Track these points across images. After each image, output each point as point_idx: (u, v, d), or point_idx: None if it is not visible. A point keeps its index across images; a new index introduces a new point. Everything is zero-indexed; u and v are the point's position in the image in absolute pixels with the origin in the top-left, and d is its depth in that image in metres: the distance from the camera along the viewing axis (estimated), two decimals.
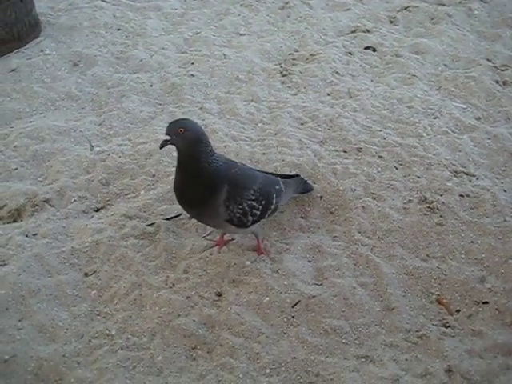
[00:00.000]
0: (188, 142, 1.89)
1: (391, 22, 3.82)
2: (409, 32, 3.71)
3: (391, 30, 3.70)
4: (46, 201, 2.43)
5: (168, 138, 1.89)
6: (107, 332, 1.93)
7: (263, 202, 2.06)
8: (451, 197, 2.38)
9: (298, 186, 2.29)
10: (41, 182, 2.59)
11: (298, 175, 2.33)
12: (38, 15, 3.74)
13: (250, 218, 2.03)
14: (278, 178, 2.19)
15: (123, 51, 3.50)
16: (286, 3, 4.00)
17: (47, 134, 2.82)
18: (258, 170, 2.24)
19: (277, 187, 2.13)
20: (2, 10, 3.38)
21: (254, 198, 2.02)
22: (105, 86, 3.20)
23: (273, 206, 2.11)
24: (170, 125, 1.93)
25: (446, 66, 3.36)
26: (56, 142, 2.78)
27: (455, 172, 2.52)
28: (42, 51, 3.54)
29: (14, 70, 3.34)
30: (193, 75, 3.20)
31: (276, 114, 2.84)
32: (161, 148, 1.95)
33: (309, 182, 2.37)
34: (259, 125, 2.78)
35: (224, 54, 3.37)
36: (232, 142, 2.61)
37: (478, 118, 2.91)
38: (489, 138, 2.73)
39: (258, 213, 2.05)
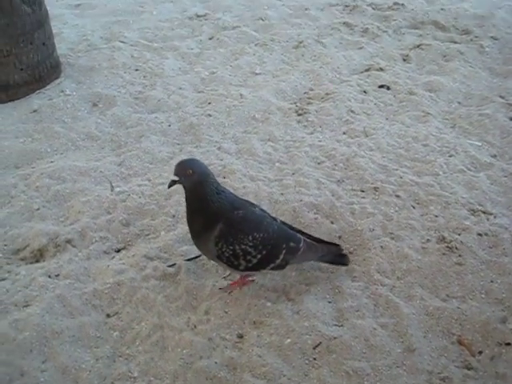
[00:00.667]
0: (195, 183, 1.97)
1: (404, 60, 3.88)
2: (422, 70, 3.76)
3: (404, 68, 3.76)
4: (68, 241, 2.47)
5: (176, 178, 1.97)
6: (129, 374, 1.94)
7: (264, 252, 2.04)
8: (469, 236, 2.39)
9: (329, 255, 2.20)
10: (62, 222, 2.63)
11: (337, 245, 2.25)
12: (58, 57, 3.84)
13: (243, 263, 2.04)
14: (300, 236, 2.13)
15: (141, 91, 3.58)
16: (300, 42, 4.09)
17: (68, 174, 2.87)
18: (285, 223, 2.19)
19: (291, 244, 2.09)
20: (25, 54, 3.47)
21: (251, 244, 2.03)
22: (124, 126, 3.27)
23: (278, 261, 2.08)
24: (178, 165, 2.00)
25: (459, 103, 3.40)
26: (77, 182, 2.83)
27: (472, 210, 2.53)
28: (62, 92, 3.62)
29: (35, 111, 3.41)
30: (210, 115, 3.26)
31: (293, 153, 2.88)
32: (169, 187, 2.03)
33: (347, 255, 2.26)
34: (276, 164, 2.82)
35: (240, 94, 3.43)
36: (250, 183, 2.65)
37: (494, 156, 2.93)
38: (505, 176, 2.75)
39: (255, 261, 2.04)
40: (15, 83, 3.52)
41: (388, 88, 3.48)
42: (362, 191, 2.62)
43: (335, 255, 2.22)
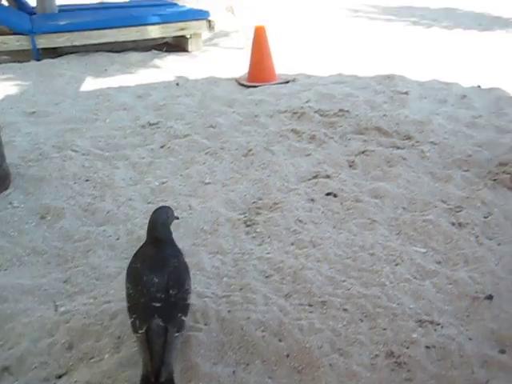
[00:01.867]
0: None
1: (350, 166, 4.02)
2: (367, 176, 3.89)
3: (351, 175, 3.88)
4: (5, 368, 2.35)
5: None
6: None
7: None
8: (417, 349, 2.38)
9: None
10: (1, 346, 2.52)
11: None
12: (8, 167, 3.83)
13: None
14: None
15: (91, 203, 3.57)
16: (250, 150, 4.20)
17: (11, 292, 2.78)
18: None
19: None
20: None
21: None
22: (71, 240, 3.22)
23: None
24: None
25: (404, 208, 3.50)
26: (19, 301, 2.74)
27: (420, 321, 2.54)
28: (10, 204, 3.58)
29: None
30: None
31: (241, 266, 2.87)
32: None
33: None
34: (224, 279, 2.80)
35: (189, 205, 3.46)
36: (198, 300, 2.61)
37: (439, 262, 2.99)
38: (450, 283, 2.79)
39: None
40: None
41: (335, 195, 3.56)
42: (310, 305, 2.61)
43: None
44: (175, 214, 2.52)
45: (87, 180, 3.86)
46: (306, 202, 3.47)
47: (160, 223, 2.38)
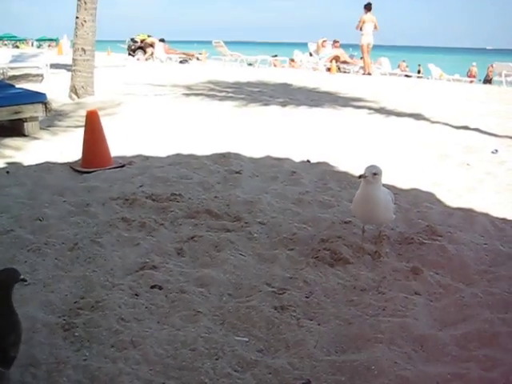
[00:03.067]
0: None
1: (178, 253, 4.01)
2: (195, 263, 3.90)
3: (178, 263, 3.86)
4: None
5: None
6: None
7: None
8: None
9: None
10: None
11: None
12: None
13: None
14: None
15: None
16: (76, 244, 4.05)
17: None
18: None
19: None
20: None
21: None
22: None
23: None
24: None
25: (230, 295, 3.53)
26: None
27: None
28: None
29: None
30: None
31: (54, 379, 2.69)
32: None
33: None
34: None
35: None
36: None
37: (260, 350, 3.01)
38: (269, 373, 2.81)
39: None
40: None
41: (160, 288, 3.51)
42: None
43: None
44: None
45: None
46: (129, 298, 3.38)
47: None
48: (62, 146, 7.21)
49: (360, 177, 3.83)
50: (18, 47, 35.11)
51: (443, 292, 3.64)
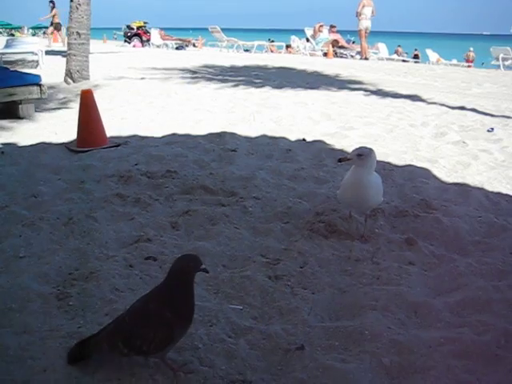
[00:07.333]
0: None
1: (173, 227, 4.01)
2: (190, 236, 3.90)
3: (173, 236, 3.86)
4: None
5: None
6: None
7: None
8: None
9: None
10: None
11: None
12: None
13: None
14: None
15: None
16: (70, 219, 4.05)
17: None
18: None
19: None
20: None
21: None
22: None
23: None
24: None
25: (224, 266, 3.54)
26: None
27: (232, 382, 2.52)
28: None
29: None
30: None
31: (48, 345, 2.70)
32: None
33: None
34: (28, 361, 2.61)
35: None
36: None
37: (255, 318, 3.02)
38: (264, 338, 2.83)
39: None
40: None
41: (154, 259, 3.52)
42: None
43: None
44: None
45: None
46: (124, 269, 3.38)
47: None
48: (56, 128, 7.20)
49: (340, 160, 3.68)
50: (13, 35, 34.85)
51: (437, 262, 3.66)
